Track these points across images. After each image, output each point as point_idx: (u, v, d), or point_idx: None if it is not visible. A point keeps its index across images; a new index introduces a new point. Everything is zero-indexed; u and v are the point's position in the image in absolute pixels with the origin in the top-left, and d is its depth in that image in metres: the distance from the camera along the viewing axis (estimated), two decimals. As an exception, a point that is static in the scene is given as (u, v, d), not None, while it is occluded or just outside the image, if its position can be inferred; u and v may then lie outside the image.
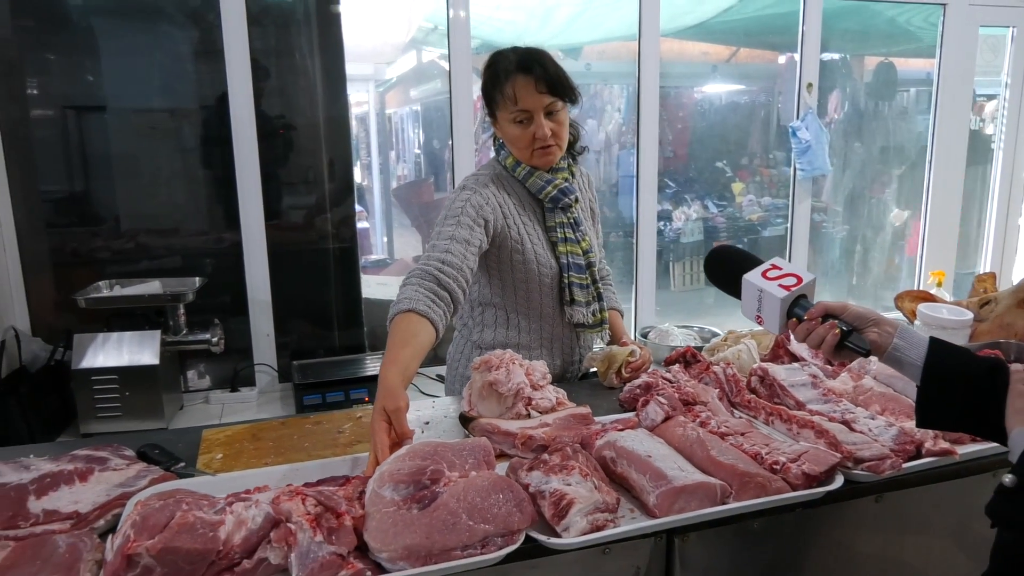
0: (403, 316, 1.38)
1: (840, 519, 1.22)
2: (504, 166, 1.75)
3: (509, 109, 1.64)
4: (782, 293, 1.16)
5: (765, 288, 1.18)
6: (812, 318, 1.15)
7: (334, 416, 1.53)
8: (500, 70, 1.65)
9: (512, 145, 1.70)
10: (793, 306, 1.18)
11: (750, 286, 1.21)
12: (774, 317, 1.18)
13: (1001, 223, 3.81)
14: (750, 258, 1.27)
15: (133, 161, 2.63)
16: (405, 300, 1.40)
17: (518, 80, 1.61)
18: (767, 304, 1.19)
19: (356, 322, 2.94)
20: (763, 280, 1.19)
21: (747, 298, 1.22)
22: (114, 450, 1.27)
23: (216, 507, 0.99)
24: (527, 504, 1.03)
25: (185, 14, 2.57)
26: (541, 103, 1.63)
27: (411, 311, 1.38)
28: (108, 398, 2.28)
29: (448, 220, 1.58)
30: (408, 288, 1.43)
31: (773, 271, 1.20)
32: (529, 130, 1.65)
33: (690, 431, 1.27)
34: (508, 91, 1.62)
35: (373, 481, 1.05)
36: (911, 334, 1.09)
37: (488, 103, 1.71)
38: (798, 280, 1.17)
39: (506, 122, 1.67)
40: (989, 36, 3.65)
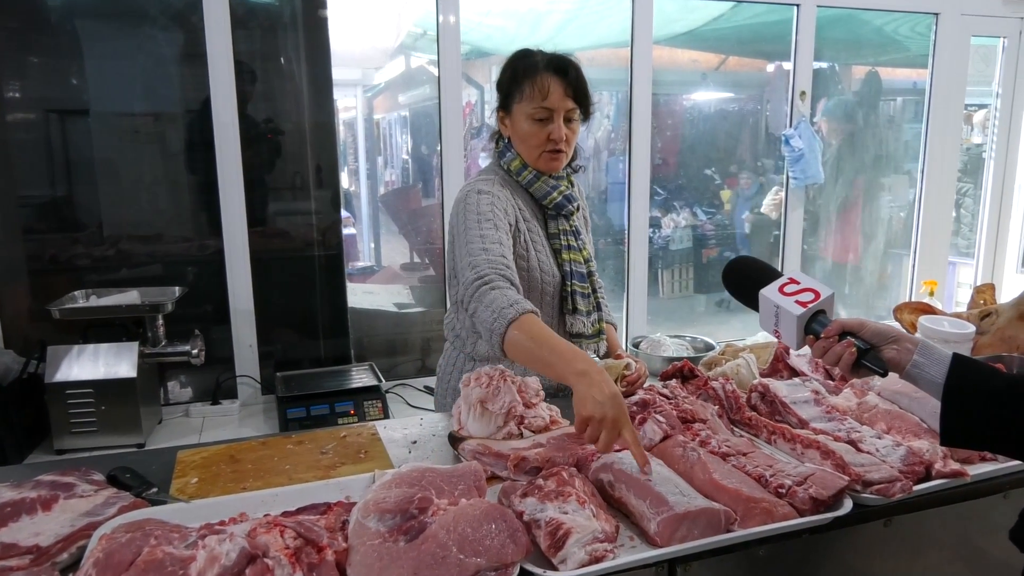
0: (527, 318, 1.30)
1: (848, 544, 1.17)
2: (508, 170, 1.70)
3: (533, 104, 1.61)
4: (799, 310, 1.13)
5: (782, 304, 1.15)
6: (829, 336, 1.12)
7: (317, 435, 1.46)
8: (530, 64, 1.63)
9: (523, 143, 1.66)
10: (811, 322, 1.14)
11: (767, 302, 1.17)
12: (791, 333, 1.15)
13: (992, 232, 3.79)
14: (768, 270, 1.23)
15: (116, 166, 2.55)
16: (513, 305, 1.31)
17: (549, 78, 1.61)
18: (784, 320, 1.15)
19: (342, 332, 2.87)
20: (780, 296, 1.16)
21: (764, 313, 1.20)
22: (82, 474, 1.20)
23: (187, 540, 0.93)
24: (521, 534, 0.96)
25: (168, 16, 2.50)
26: (564, 106, 1.62)
27: (531, 312, 1.31)
28: (83, 412, 2.19)
29: (484, 223, 1.53)
30: (498, 293, 1.35)
31: (791, 285, 1.17)
32: (546, 129, 1.63)
33: (690, 452, 1.22)
34: (537, 86, 1.60)
35: (357, 511, 0.98)
36: (932, 351, 1.04)
37: (505, 96, 1.68)
38: (816, 296, 1.14)
39: (523, 118, 1.64)
40: (980, 46, 3.64)
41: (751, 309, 1.22)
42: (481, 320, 1.34)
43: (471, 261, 1.45)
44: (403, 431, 1.49)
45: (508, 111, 1.68)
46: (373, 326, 3.15)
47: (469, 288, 1.40)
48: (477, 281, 1.40)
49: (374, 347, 3.08)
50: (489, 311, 1.33)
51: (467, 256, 1.47)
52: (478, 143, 5.13)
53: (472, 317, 1.39)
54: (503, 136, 1.74)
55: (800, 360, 1.67)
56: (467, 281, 1.42)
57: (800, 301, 1.14)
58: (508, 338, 1.29)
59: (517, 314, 1.30)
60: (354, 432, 1.47)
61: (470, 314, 1.40)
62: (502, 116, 1.71)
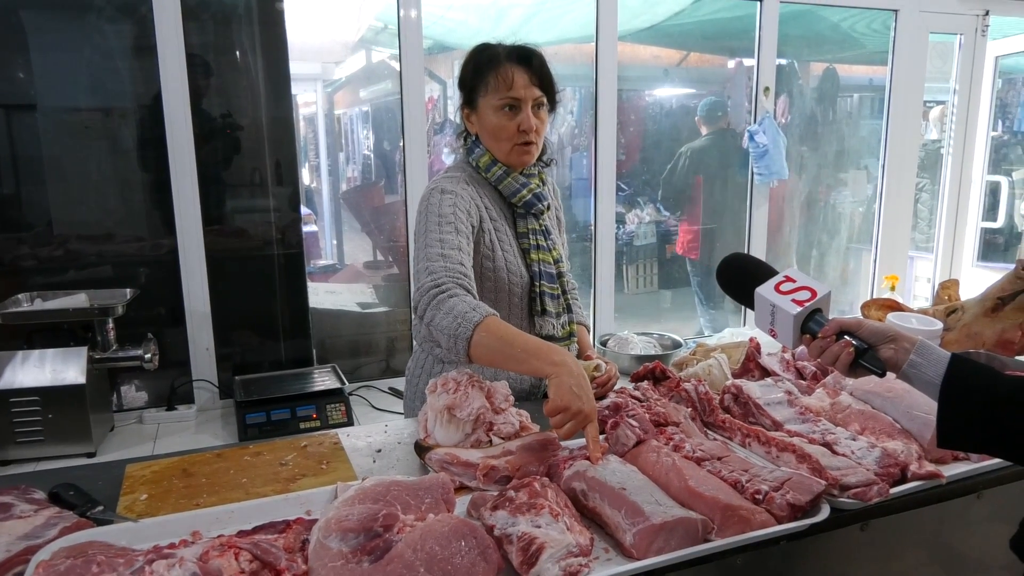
0: (491, 320, 1.30)
1: (825, 549, 1.15)
2: (476, 166, 1.65)
3: (499, 95, 1.57)
4: (795, 309, 1.10)
5: (778, 304, 1.12)
6: (826, 335, 1.09)
7: (276, 445, 1.40)
8: (492, 55, 1.59)
9: (493, 137, 1.61)
10: (807, 321, 1.12)
11: (763, 300, 1.15)
12: (788, 333, 1.13)
13: (950, 227, 3.85)
14: (763, 267, 1.20)
15: (65, 163, 2.45)
16: (475, 309, 1.31)
17: (512, 67, 1.57)
18: (780, 320, 1.12)
19: (303, 333, 2.79)
20: (776, 295, 1.13)
21: (760, 312, 1.17)
22: (21, 493, 1.12)
23: (133, 566, 0.86)
24: (492, 551, 0.92)
25: (116, 7, 2.39)
26: (531, 95, 1.58)
27: (493, 315, 1.31)
28: (29, 421, 2.09)
29: (445, 226, 1.48)
30: (457, 300, 1.34)
31: (786, 284, 1.14)
32: (515, 120, 1.58)
33: (664, 457, 1.18)
34: (501, 76, 1.56)
35: (318, 530, 0.92)
36: (930, 351, 1.02)
37: (469, 91, 1.63)
38: (812, 294, 1.11)
39: (491, 111, 1.59)
40: (938, 43, 3.69)
41: (747, 307, 1.19)
42: (441, 328, 1.32)
43: (428, 267, 1.41)
44: (367, 439, 1.43)
45: (474, 107, 1.63)
46: (336, 327, 3.08)
47: (425, 296, 1.37)
48: (434, 289, 1.37)
49: (337, 348, 3.00)
50: (450, 318, 1.31)
51: (424, 260, 1.43)
52: (441, 139, 5.07)
53: (429, 325, 1.35)
54: (470, 133, 1.68)
55: (772, 360, 1.65)
56: (423, 288, 1.38)
57: (797, 300, 1.11)
58: (475, 342, 1.28)
59: (481, 317, 1.29)
60: (315, 441, 1.41)
61: (426, 322, 1.36)
62: (467, 113, 1.66)
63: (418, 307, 1.39)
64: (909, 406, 1.32)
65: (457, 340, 1.29)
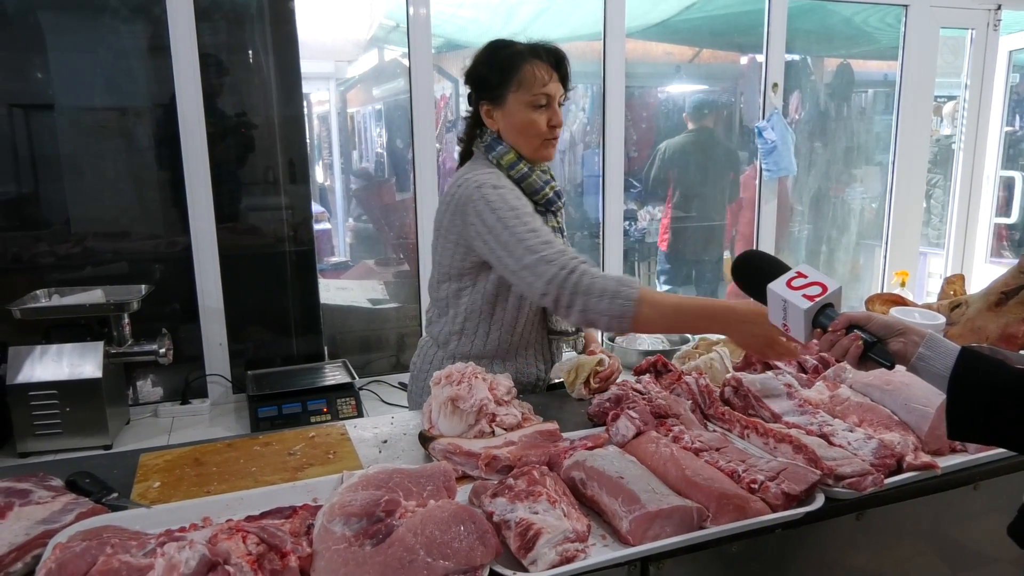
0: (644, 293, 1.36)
1: (821, 538, 1.17)
2: (500, 164, 1.64)
3: (532, 92, 1.58)
4: (806, 304, 1.13)
5: (789, 299, 1.14)
6: (836, 329, 1.11)
7: (285, 436, 1.43)
8: (517, 52, 1.60)
9: (522, 133, 1.61)
10: (818, 315, 1.14)
11: (775, 296, 1.17)
12: (799, 327, 1.15)
13: (962, 222, 3.84)
14: (777, 264, 1.23)
15: (82, 162, 2.49)
16: (623, 284, 1.36)
17: (542, 64, 1.59)
18: (792, 314, 1.15)
19: (314, 329, 2.83)
20: (787, 290, 1.15)
21: (773, 307, 1.19)
22: (39, 480, 1.16)
23: (146, 548, 0.90)
24: (490, 536, 0.95)
25: (130, 8, 2.43)
26: (558, 91, 1.61)
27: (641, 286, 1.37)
28: (47, 414, 2.14)
29: (524, 216, 1.49)
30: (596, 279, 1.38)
31: (798, 279, 1.16)
32: (545, 116, 1.60)
33: (663, 448, 1.21)
34: (530, 73, 1.57)
35: (322, 515, 0.96)
36: (939, 344, 1.03)
37: (494, 88, 1.61)
38: (823, 289, 1.13)
39: (522, 107, 1.59)
40: (949, 38, 3.67)
41: (762, 303, 1.22)
42: (599, 310, 1.35)
43: (542, 257, 1.41)
44: (373, 430, 1.47)
45: (499, 103, 1.61)
46: (346, 322, 3.12)
47: (559, 285, 1.38)
48: (563, 272, 1.38)
49: (348, 344, 3.04)
50: (605, 300, 1.35)
51: (530, 254, 1.42)
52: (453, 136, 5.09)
53: (581, 311, 1.37)
54: (485, 129, 1.67)
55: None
56: (551, 278, 1.38)
57: (807, 295, 1.14)
58: (640, 318, 1.35)
59: (636, 292, 1.35)
60: (323, 432, 1.44)
61: (577, 309, 1.37)
62: (488, 109, 1.64)
63: (559, 298, 1.38)
64: (907, 399, 1.33)
65: (622, 320, 1.34)
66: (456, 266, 1.61)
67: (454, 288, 1.64)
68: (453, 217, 1.57)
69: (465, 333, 1.66)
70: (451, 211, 1.58)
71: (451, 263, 1.62)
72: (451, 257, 1.61)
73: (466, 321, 1.65)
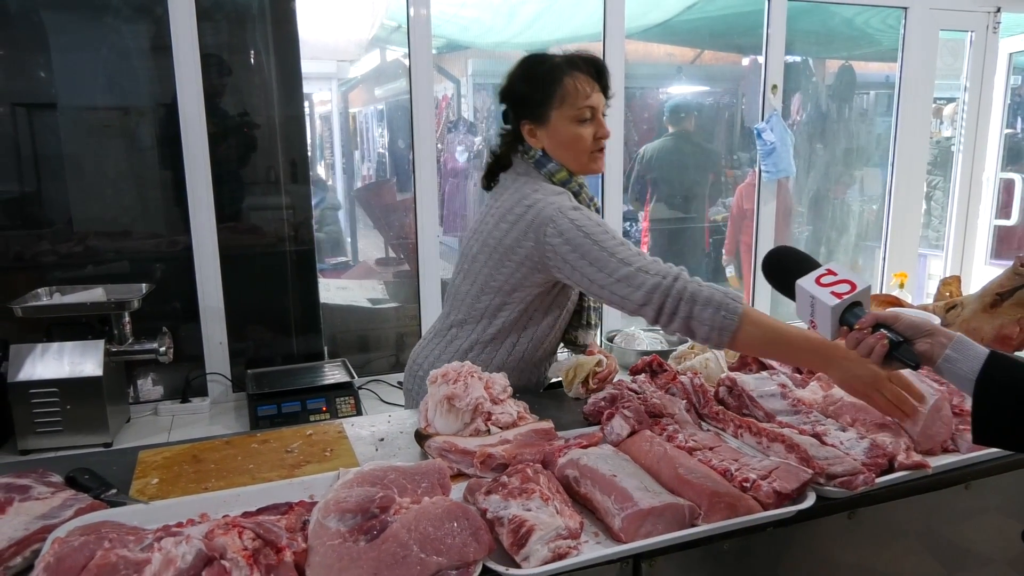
0: (750, 311, 1.35)
1: (813, 536, 1.18)
2: (554, 181, 1.61)
3: (576, 107, 1.56)
4: (833, 301, 1.14)
5: (817, 295, 1.16)
6: (862, 328, 1.12)
7: (283, 434, 1.44)
8: (556, 66, 1.58)
9: (570, 149, 1.60)
10: (846, 313, 1.15)
11: (803, 292, 1.18)
12: (826, 324, 1.16)
13: (961, 225, 3.84)
14: (808, 260, 1.24)
15: (85, 161, 2.50)
16: (730, 298, 1.35)
17: (584, 77, 1.57)
18: (819, 311, 1.16)
19: (314, 328, 2.85)
20: (816, 287, 1.17)
21: (801, 303, 1.20)
22: (39, 476, 1.17)
23: (143, 543, 0.91)
24: (484, 533, 0.96)
25: (133, 8, 2.45)
26: (601, 101, 1.60)
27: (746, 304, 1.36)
28: (48, 412, 2.15)
29: (611, 231, 1.49)
30: (702, 288, 1.37)
31: (827, 276, 1.18)
32: (590, 128, 1.59)
33: (656, 447, 1.22)
34: (578, 87, 1.56)
35: (317, 511, 0.97)
36: (967, 347, 1.03)
37: (537, 107, 1.58)
38: (851, 287, 1.15)
39: (567, 122, 1.57)
40: (949, 40, 3.68)
41: (790, 299, 1.23)
42: (702, 319, 1.34)
43: (640, 267, 1.40)
44: (371, 428, 1.48)
45: (542, 121, 1.59)
46: (346, 322, 3.13)
47: (663, 294, 1.37)
48: (668, 280, 1.38)
49: (347, 343, 3.05)
50: (710, 309, 1.34)
51: (626, 266, 1.41)
52: (455, 136, 5.11)
53: (686, 319, 1.36)
54: (528, 147, 1.63)
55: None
56: (654, 287, 1.38)
57: (836, 292, 1.15)
58: (742, 334, 1.33)
59: (742, 307, 1.34)
60: (320, 430, 1.45)
61: (681, 316, 1.36)
62: (531, 128, 1.61)
63: (663, 306, 1.37)
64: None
65: (723, 333, 1.33)
66: (511, 282, 1.59)
67: (497, 302, 1.62)
68: (522, 237, 1.54)
69: (493, 343, 1.66)
70: (519, 230, 1.54)
71: (506, 279, 1.59)
72: (509, 274, 1.58)
73: (499, 332, 1.65)
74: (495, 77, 5.07)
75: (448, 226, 4.55)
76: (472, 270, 1.64)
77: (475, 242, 1.65)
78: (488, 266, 1.61)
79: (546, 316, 1.66)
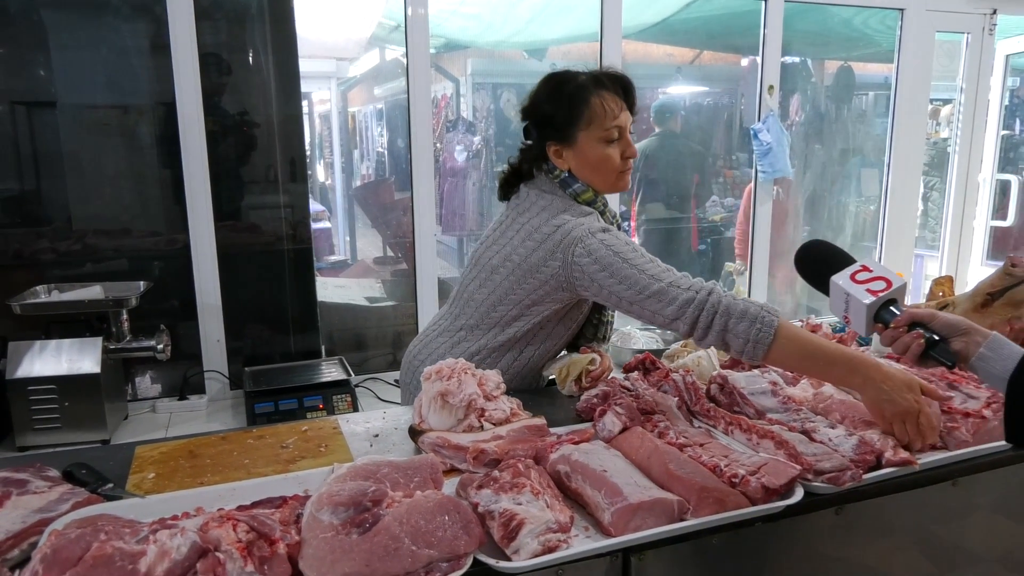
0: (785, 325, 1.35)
1: (801, 532, 1.19)
2: (579, 201, 1.62)
3: (603, 127, 1.56)
4: (869, 299, 1.15)
5: (852, 292, 1.17)
6: (898, 326, 1.13)
7: (279, 429, 1.46)
8: (581, 86, 1.57)
9: (597, 169, 1.59)
10: (881, 310, 1.16)
11: (838, 289, 1.19)
12: (860, 321, 1.18)
13: (956, 225, 3.86)
14: (840, 255, 1.25)
15: (85, 159, 2.52)
16: (766, 311, 1.35)
17: (611, 96, 1.57)
18: (854, 308, 1.17)
19: (312, 326, 2.86)
20: (851, 283, 1.18)
21: (835, 299, 1.21)
22: (36, 471, 1.19)
23: (139, 535, 0.92)
24: (474, 526, 0.97)
25: (132, 6, 2.46)
26: (628, 120, 1.60)
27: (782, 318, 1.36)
28: (46, 409, 2.17)
29: (640, 249, 1.50)
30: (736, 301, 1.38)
31: (863, 273, 1.19)
32: (618, 148, 1.58)
33: (647, 443, 1.23)
34: (605, 107, 1.55)
35: (311, 504, 0.98)
36: (1002, 345, 1.04)
37: (563, 128, 1.58)
38: (887, 285, 1.16)
39: (594, 143, 1.57)
40: (945, 42, 3.70)
41: (822, 293, 1.24)
42: (737, 332, 1.35)
43: (671, 281, 1.42)
44: (365, 424, 1.49)
45: (568, 142, 1.58)
46: (343, 320, 3.14)
47: (698, 308, 1.38)
48: (701, 293, 1.39)
49: (344, 341, 3.07)
50: (746, 322, 1.34)
51: (658, 282, 1.42)
52: (454, 136, 5.12)
53: (722, 332, 1.37)
54: (553, 167, 1.62)
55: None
56: (688, 302, 1.39)
57: (871, 290, 1.16)
58: (775, 348, 1.33)
59: (777, 320, 1.33)
60: (316, 426, 1.47)
61: (717, 329, 1.37)
62: (557, 149, 1.60)
63: (698, 320, 1.38)
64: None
65: (757, 346, 1.33)
66: (531, 298, 1.60)
67: (513, 313, 1.63)
68: (548, 257, 1.54)
69: (501, 350, 1.67)
70: (545, 250, 1.54)
71: (526, 295, 1.59)
72: (532, 290, 1.58)
73: (509, 340, 1.66)
74: (494, 77, 5.09)
75: (446, 225, 4.57)
76: (491, 281, 1.64)
77: (495, 254, 1.64)
78: (509, 280, 1.61)
79: (556, 328, 1.68)
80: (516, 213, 1.66)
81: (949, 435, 1.30)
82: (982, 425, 1.29)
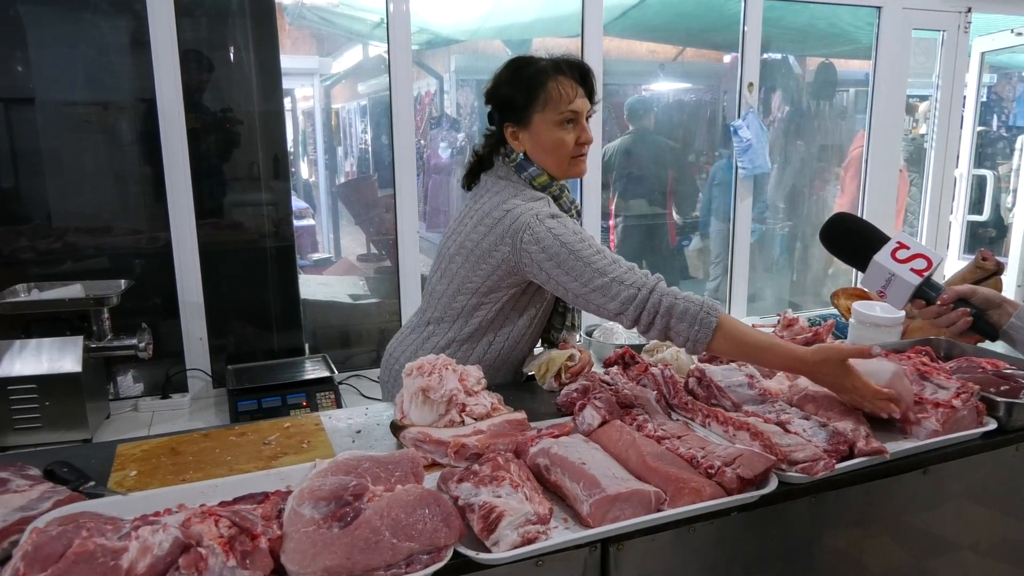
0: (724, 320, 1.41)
1: (776, 521, 1.21)
2: (533, 184, 1.64)
3: (558, 110, 1.58)
4: (916, 280, 1.20)
5: (897, 272, 1.20)
6: (945, 303, 1.18)
7: (261, 427, 1.46)
8: (540, 70, 1.59)
9: (551, 153, 1.62)
10: (921, 286, 1.19)
11: (880, 268, 1.23)
12: (901, 298, 1.21)
13: (933, 220, 3.91)
14: (871, 230, 1.28)
15: (64, 156, 2.50)
16: (704, 311, 1.41)
17: (567, 81, 1.59)
18: (896, 286, 1.21)
19: (295, 324, 2.86)
20: (894, 263, 1.21)
21: (873, 276, 1.24)
22: (17, 469, 1.19)
23: (120, 532, 0.93)
24: (454, 518, 0.99)
25: (111, 3, 2.45)
26: (585, 107, 1.61)
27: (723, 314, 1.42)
28: (27, 408, 2.15)
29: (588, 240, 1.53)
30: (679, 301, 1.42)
31: (902, 251, 1.22)
32: (573, 133, 1.61)
33: (626, 435, 1.25)
34: (561, 90, 1.58)
35: (292, 499, 0.99)
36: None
37: (520, 110, 1.61)
38: (928, 264, 1.20)
39: (549, 126, 1.60)
40: (922, 39, 3.75)
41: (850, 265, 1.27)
42: (678, 331, 1.42)
43: (615, 278, 1.45)
44: (348, 421, 1.50)
45: (524, 124, 1.61)
46: (327, 317, 3.15)
47: (639, 306, 1.43)
48: (642, 291, 1.43)
49: (328, 338, 3.07)
50: (685, 323, 1.41)
51: (602, 276, 1.46)
52: (438, 133, 5.12)
53: (649, 327, 1.44)
54: (510, 150, 1.66)
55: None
56: (628, 299, 1.43)
57: (915, 269, 1.19)
58: (714, 346, 1.41)
59: (716, 320, 1.40)
60: (298, 423, 1.48)
61: (659, 328, 1.43)
62: (514, 131, 1.63)
63: (639, 318, 1.44)
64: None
65: (697, 344, 1.41)
66: (487, 285, 1.62)
67: (473, 303, 1.65)
68: (498, 242, 1.57)
69: (470, 341, 1.69)
70: (495, 235, 1.57)
71: (482, 282, 1.62)
72: (485, 276, 1.61)
73: (475, 331, 1.68)
74: (478, 73, 5.09)
75: (431, 222, 4.57)
76: (449, 270, 1.67)
77: (452, 243, 1.67)
78: (465, 268, 1.63)
79: (522, 315, 1.70)
80: (472, 200, 1.68)
81: (919, 425, 1.33)
82: (952, 415, 1.32)
